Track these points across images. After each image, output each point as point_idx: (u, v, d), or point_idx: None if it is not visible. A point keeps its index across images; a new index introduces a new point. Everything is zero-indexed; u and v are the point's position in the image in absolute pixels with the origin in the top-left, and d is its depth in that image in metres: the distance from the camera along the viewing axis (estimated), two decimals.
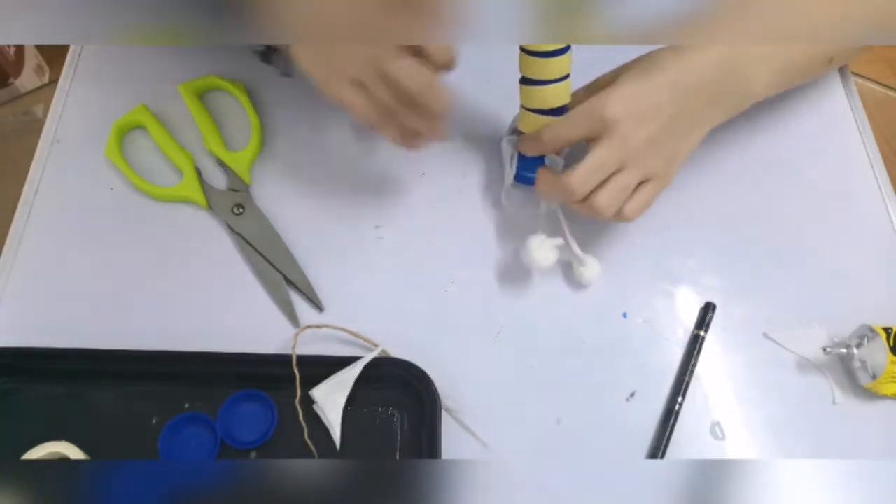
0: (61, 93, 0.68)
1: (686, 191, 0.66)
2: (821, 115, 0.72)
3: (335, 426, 0.54)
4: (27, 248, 0.61)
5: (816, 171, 0.69)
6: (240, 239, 0.61)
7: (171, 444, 0.53)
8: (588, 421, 0.57)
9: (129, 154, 0.64)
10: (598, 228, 0.64)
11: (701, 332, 0.60)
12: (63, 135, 0.66)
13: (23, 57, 1.55)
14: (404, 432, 0.55)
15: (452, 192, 0.65)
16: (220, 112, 0.67)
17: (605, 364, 0.59)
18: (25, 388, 0.55)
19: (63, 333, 0.56)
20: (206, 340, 0.56)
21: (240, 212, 0.62)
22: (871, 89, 1.05)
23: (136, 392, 0.55)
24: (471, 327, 0.60)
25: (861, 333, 0.59)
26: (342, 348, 0.58)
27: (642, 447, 0.57)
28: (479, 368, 0.58)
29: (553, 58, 0.54)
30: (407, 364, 0.55)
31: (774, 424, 0.58)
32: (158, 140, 0.64)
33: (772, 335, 0.61)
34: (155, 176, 0.64)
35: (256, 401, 0.55)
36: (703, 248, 0.64)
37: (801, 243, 0.65)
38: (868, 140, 0.71)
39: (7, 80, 1.49)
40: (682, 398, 0.57)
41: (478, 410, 0.56)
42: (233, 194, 0.63)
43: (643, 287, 0.62)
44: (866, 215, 0.67)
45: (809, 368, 0.60)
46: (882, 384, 0.57)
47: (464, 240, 0.63)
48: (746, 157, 0.69)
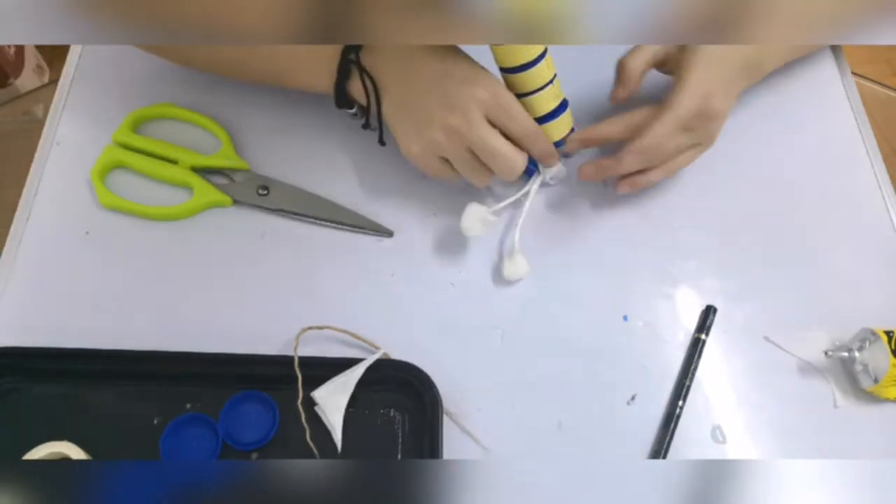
0: (61, 93, 0.68)
1: (687, 193, 0.66)
2: (821, 116, 0.72)
3: (337, 428, 0.54)
4: (27, 248, 0.61)
5: (817, 172, 0.69)
6: (270, 219, 0.62)
7: (172, 444, 0.53)
8: (589, 424, 0.57)
9: (123, 193, 0.63)
10: (598, 229, 0.64)
11: (702, 336, 0.60)
12: (63, 135, 0.65)
13: (23, 57, 1.55)
14: (405, 434, 0.55)
15: (453, 193, 0.65)
16: (166, 135, 0.66)
17: (606, 367, 0.59)
18: (27, 388, 0.55)
19: (64, 333, 0.56)
20: (207, 341, 0.56)
21: (265, 192, 0.63)
22: (871, 89, 1.05)
23: (138, 392, 0.55)
24: (471, 330, 0.60)
25: (862, 336, 0.59)
26: (344, 350, 0.58)
27: (643, 450, 0.57)
28: (480, 372, 0.58)
29: (528, 70, 0.55)
30: (408, 366, 0.55)
31: (775, 428, 0.58)
32: (147, 169, 0.63)
33: (773, 338, 0.61)
34: (163, 199, 0.63)
35: (258, 402, 0.55)
36: (704, 251, 0.64)
37: (801, 246, 0.65)
38: (868, 140, 0.71)
39: (7, 80, 1.49)
40: (682, 401, 0.57)
41: (478, 414, 0.56)
42: (247, 181, 0.63)
43: (644, 290, 0.62)
44: (867, 217, 0.67)
45: (811, 372, 0.60)
46: (884, 387, 0.57)
47: (464, 242, 0.63)
48: (746, 158, 0.69)
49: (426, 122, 0.56)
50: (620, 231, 0.64)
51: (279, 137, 0.60)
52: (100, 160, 0.63)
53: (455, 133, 0.55)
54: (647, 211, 0.65)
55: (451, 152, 0.56)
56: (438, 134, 0.55)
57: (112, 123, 0.64)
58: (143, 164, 0.63)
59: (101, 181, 0.62)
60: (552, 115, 0.58)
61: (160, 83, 0.66)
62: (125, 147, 0.64)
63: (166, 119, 0.66)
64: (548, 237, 0.64)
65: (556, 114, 0.58)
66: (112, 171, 0.64)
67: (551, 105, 0.58)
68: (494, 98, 0.54)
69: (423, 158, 0.58)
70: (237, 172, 0.64)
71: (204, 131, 0.66)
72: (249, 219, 0.63)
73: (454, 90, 0.54)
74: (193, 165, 0.63)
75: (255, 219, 0.63)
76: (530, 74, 0.55)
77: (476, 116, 0.54)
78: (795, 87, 0.72)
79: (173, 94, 0.66)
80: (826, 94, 0.74)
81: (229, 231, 0.62)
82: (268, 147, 0.65)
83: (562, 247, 0.63)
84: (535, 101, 0.57)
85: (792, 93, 0.72)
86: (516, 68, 0.55)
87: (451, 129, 0.55)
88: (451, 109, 0.54)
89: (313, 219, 0.63)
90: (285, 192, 0.63)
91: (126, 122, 0.64)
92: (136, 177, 0.64)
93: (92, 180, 0.62)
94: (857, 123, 0.72)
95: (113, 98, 0.67)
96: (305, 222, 0.63)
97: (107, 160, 0.63)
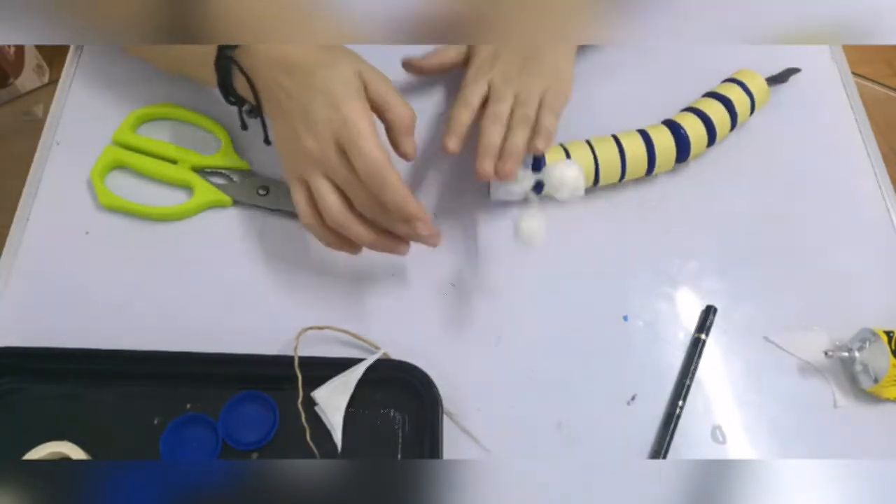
0: (61, 93, 0.68)
1: (686, 193, 0.66)
2: (821, 116, 0.72)
3: (337, 428, 0.54)
4: (27, 248, 0.61)
5: (817, 172, 0.69)
6: (266, 222, 0.62)
7: (172, 444, 0.53)
8: (588, 425, 0.57)
9: (123, 193, 0.62)
10: (598, 229, 0.64)
11: (702, 336, 0.60)
12: (63, 135, 0.65)
13: (23, 57, 1.55)
14: (406, 435, 0.55)
15: (453, 193, 0.65)
16: (166, 136, 0.66)
17: (606, 367, 0.59)
18: (27, 388, 0.55)
19: (64, 333, 0.56)
20: (208, 341, 0.56)
21: (265, 192, 0.63)
22: (871, 89, 1.05)
23: (138, 392, 0.55)
24: (471, 330, 0.60)
25: (863, 337, 0.59)
26: (344, 350, 0.58)
27: (643, 451, 0.57)
28: (480, 371, 0.58)
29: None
30: (409, 366, 0.55)
31: (775, 428, 0.58)
32: (147, 169, 0.63)
33: (773, 338, 0.61)
34: (163, 200, 0.63)
35: (258, 402, 0.55)
36: (704, 251, 0.64)
37: (801, 245, 0.65)
38: (868, 140, 0.71)
39: (7, 80, 1.49)
40: (682, 402, 0.57)
41: (478, 414, 0.56)
42: (246, 182, 0.63)
43: (644, 290, 0.62)
44: (867, 216, 0.67)
45: (811, 372, 0.60)
46: (884, 387, 0.57)
47: (464, 242, 0.63)
48: (746, 158, 0.69)
49: (291, 142, 0.53)
50: (620, 231, 0.64)
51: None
52: (100, 160, 0.63)
53: (309, 157, 0.52)
54: (647, 211, 0.65)
55: (309, 176, 0.53)
56: (296, 155, 0.53)
57: (112, 123, 0.64)
58: (143, 164, 0.63)
59: (101, 181, 0.62)
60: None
61: (160, 83, 0.66)
62: (125, 147, 0.64)
63: (166, 119, 0.66)
64: (547, 237, 0.63)
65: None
66: (112, 171, 0.64)
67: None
68: (344, 127, 0.50)
69: (291, 183, 0.55)
70: (237, 172, 0.64)
71: (204, 131, 0.66)
72: (249, 219, 0.63)
73: (316, 111, 0.51)
74: (193, 165, 0.63)
75: (255, 219, 0.63)
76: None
77: (329, 147, 0.51)
78: (795, 87, 0.72)
79: (173, 94, 0.66)
80: (826, 94, 0.74)
81: (229, 231, 0.62)
82: (268, 147, 0.65)
83: (562, 247, 0.63)
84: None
85: (792, 93, 0.72)
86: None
87: (306, 150, 0.52)
88: (309, 132, 0.51)
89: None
90: (285, 192, 0.63)
91: (126, 122, 0.64)
92: (136, 177, 0.64)
93: (92, 180, 0.62)
94: (857, 123, 0.72)
95: (113, 98, 0.67)
96: None
97: (107, 160, 0.63)
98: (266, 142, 0.59)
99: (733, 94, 0.66)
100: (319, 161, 0.51)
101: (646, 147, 0.63)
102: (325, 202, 0.52)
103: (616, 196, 0.65)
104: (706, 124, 0.64)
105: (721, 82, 0.68)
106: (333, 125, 0.50)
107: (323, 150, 0.51)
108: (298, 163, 0.53)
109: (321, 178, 0.52)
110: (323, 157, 0.51)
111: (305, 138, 0.51)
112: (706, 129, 0.64)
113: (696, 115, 0.64)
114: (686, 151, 0.63)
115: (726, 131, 0.66)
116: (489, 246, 0.63)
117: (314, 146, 0.51)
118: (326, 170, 0.52)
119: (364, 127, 0.50)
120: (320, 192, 0.52)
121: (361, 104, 0.51)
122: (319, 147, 0.51)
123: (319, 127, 0.51)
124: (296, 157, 0.53)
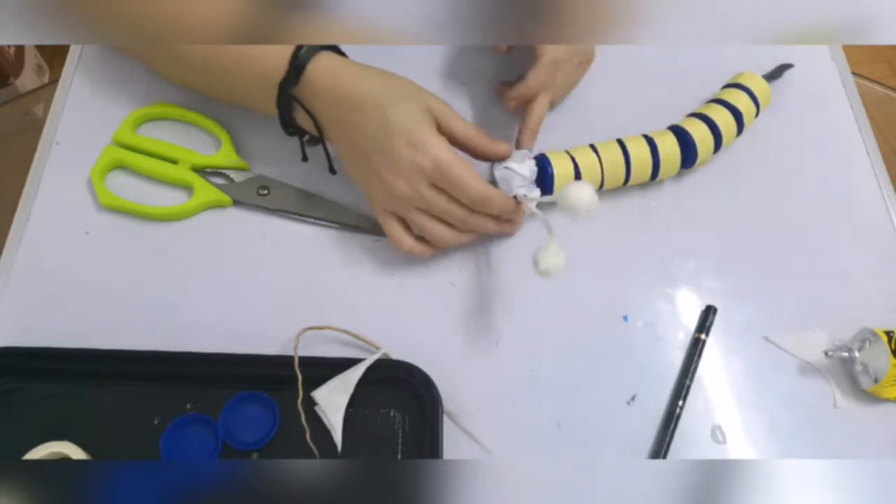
0: (61, 93, 0.67)
1: (686, 193, 0.66)
2: (821, 116, 0.72)
3: (337, 428, 0.54)
4: (27, 248, 0.61)
5: (817, 172, 0.69)
6: (269, 222, 0.63)
7: (172, 444, 0.53)
8: (588, 425, 0.57)
9: (123, 193, 0.62)
10: (598, 229, 0.64)
11: (702, 336, 0.60)
12: (63, 135, 0.65)
13: (23, 57, 1.55)
14: (406, 435, 0.55)
15: None
16: (166, 136, 0.65)
17: (606, 367, 0.59)
18: (27, 387, 0.55)
19: (64, 333, 0.56)
20: (208, 341, 0.56)
21: (265, 192, 0.63)
22: (871, 89, 1.05)
23: (138, 392, 0.55)
24: (471, 331, 0.60)
25: (863, 337, 0.59)
26: (344, 350, 0.58)
27: (643, 451, 0.57)
28: (480, 372, 0.58)
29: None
30: (409, 366, 0.55)
31: (775, 428, 0.58)
32: (147, 169, 0.63)
33: (773, 338, 0.61)
34: (163, 200, 0.63)
35: (258, 402, 0.55)
36: (704, 251, 0.64)
37: (801, 245, 0.65)
38: (868, 140, 0.71)
39: (7, 80, 1.49)
40: (682, 402, 0.57)
41: (478, 414, 0.56)
42: (247, 181, 0.63)
43: (644, 290, 0.62)
44: (867, 216, 0.67)
45: (811, 372, 0.60)
46: (884, 388, 0.57)
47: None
48: (746, 158, 0.69)
49: (375, 181, 0.56)
50: (620, 231, 0.64)
51: (279, 137, 0.60)
52: (100, 160, 0.63)
53: (402, 198, 0.55)
54: (647, 211, 0.66)
55: (403, 213, 0.57)
56: (386, 196, 0.56)
57: (112, 123, 0.64)
58: (143, 164, 0.63)
59: (102, 181, 0.62)
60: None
61: (160, 83, 0.66)
62: (125, 147, 0.64)
63: (166, 119, 0.66)
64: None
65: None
66: (112, 171, 0.64)
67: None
68: (438, 170, 0.53)
69: (380, 216, 0.59)
70: (237, 172, 0.64)
71: (204, 131, 0.66)
72: (249, 219, 0.63)
73: (398, 153, 0.54)
74: (193, 165, 0.63)
75: (255, 219, 0.63)
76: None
77: (422, 186, 0.54)
78: (795, 87, 0.72)
79: (173, 95, 0.66)
80: (826, 94, 0.74)
81: (229, 231, 0.62)
82: (268, 147, 0.65)
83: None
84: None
85: (791, 93, 0.72)
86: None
87: (398, 193, 0.55)
88: (397, 175, 0.54)
89: (313, 219, 0.63)
90: (285, 192, 0.63)
91: (126, 122, 0.64)
92: (136, 177, 0.64)
93: (92, 180, 0.62)
94: (857, 123, 0.72)
95: (113, 98, 0.67)
96: (305, 222, 0.63)
97: (107, 160, 0.63)
98: (331, 171, 0.62)
99: (741, 104, 0.65)
100: (412, 199, 0.55)
101: (651, 153, 0.62)
102: (432, 233, 0.57)
103: (616, 196, 0.65)
104: (713, 132, 0.64)
105: (724, 87, 0.68)
106: (422, 168, 0.53)
107: (415, 190, 0.54)
108: (389, 202, 0.57)
109: (416, 213, 0.56)
110: (416, 195, 0.55)
111: (395, 182, 0.54)
112: (713, 137, 0.64)
113: (703, 122, 0.64)
114: (692, 159, 0.63)
115: (732, 139, 0.66)
116: (489, 246, 0.63)
117: (405, 188, 0.54)
118: (421, 205, 0.56)
119: (460, 169, 0.53)
120: (423, 226, 0.57)
121: (443, 143, 0.54)
122: (411, 188, 0.54)
123: (406, 169, 0.54)
124: (384, 196, 0.56)
